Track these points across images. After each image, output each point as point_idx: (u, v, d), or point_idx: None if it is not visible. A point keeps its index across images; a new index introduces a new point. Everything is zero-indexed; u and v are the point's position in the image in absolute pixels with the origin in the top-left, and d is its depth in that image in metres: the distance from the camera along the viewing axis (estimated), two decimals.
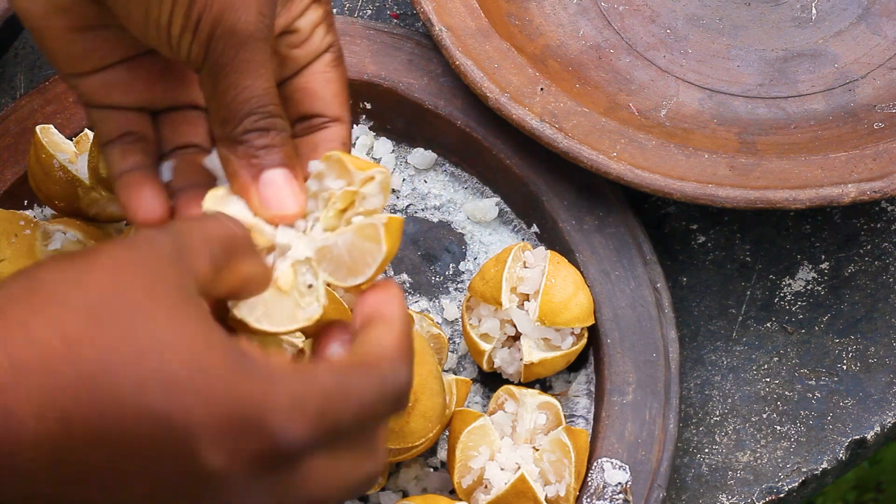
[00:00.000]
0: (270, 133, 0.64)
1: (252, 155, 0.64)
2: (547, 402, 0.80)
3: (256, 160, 0.64)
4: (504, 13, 0.94)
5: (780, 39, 0.95)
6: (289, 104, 0.69)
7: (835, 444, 0.84)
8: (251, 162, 0.64)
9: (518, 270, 0.83)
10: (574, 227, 0.86)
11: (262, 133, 0.64)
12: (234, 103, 0.64)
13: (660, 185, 0.83)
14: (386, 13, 0.99)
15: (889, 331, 0.88)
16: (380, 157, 0.92)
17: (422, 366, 0.76)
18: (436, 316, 0.88)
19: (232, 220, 0.61)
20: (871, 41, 0.94)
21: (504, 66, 0.88)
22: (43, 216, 0.88)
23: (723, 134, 0.89)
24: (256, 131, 0.64)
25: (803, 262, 0.90)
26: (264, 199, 0.64)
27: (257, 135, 0.64)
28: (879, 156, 0.84)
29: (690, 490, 0.83)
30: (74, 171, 0.82)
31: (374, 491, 0.80)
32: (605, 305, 0.84)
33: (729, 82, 0.93)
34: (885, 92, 0.91)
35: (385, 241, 0.63)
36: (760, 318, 0.88)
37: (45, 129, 0.83)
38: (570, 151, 0.85)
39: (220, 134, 0.65)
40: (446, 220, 0.91)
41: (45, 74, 0.97)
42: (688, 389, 0.86)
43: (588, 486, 0.79)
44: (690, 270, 0.90)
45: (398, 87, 0.91)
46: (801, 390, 0.86)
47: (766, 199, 0.82)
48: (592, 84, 0.92)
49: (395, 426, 0.76)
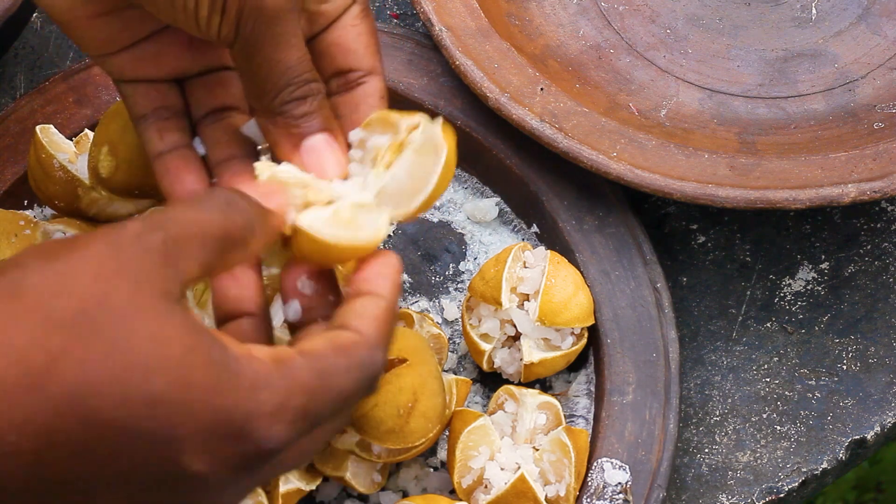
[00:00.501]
0: (308, 100, 0.66)
1: (292, 125, 0.66)
2: (547, 402, 0.80)
3: (297, 129, 0.66)
4: (504, 13, 0.94)
5: (780, 39, 0.95)
6: (322, 60, 0.69)
7: (835, 444, 0.84)
8: (291, 131, 0.66)
9: (518, 270, 0.83)
10: (574, 227, 0.86)
11: (300, 102, 0.65)
12: (271, 76, 0.65)
13: (660, 185, 0.83)
14: (386, 13, 0.99)
15: (889, 331, 0.88)
16: None
17: (422, 366, 0.76)
18: (436, 316, 0.88)
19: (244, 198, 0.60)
20: (871, 41, 0.94)
21: (504, 66, 0.88)
22: (43, 216, 0.88)
23: (723, 134, 0.89)
24: (294, 101, 0.65)
25: (803, 262, 0.90)
26: (308, 165, 0.65)
27: (295, 104, 0.65)
28: (879, 156, 0.84)
29: (690, 490, 0.83)
30: (74, 171, 0.82)
31: (374, 491, 0.80)
32: (605, 305, 0.84)
33: (729, 82, 0.93)
34: (885, 92, 0.91)
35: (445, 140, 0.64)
36: (760, 318, 0.88)
37: (45, 129, 0.83)
38: (570, 151, 0.85)
39: (258, 106, 0.66)
40: (446, 220, 0.91)
41: (45, 74, 0.97)
42: (688, 389, 0.86)
43: (588, 486, 0.79)
44: (690, 270, 0.90)
45: (398, 87, 0.91)
46: (801, 390, 0.86)
47: (766, 199, 0.82)
48: (592, 84, 0.92)
49: (395, 426, 0.76)
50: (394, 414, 0.75)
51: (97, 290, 0.53)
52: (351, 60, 0.69)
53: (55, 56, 0.98)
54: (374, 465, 0.80)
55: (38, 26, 0.99)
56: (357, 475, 0.79)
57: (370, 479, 0.80)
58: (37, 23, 0.99)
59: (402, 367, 0.76)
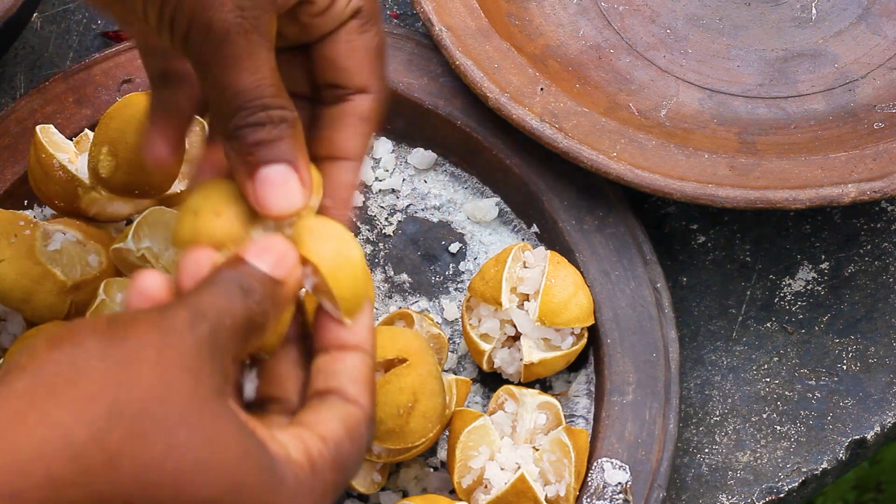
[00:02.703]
0: (266, 127, 0.62)
1: (246, 151, 0.62)
2: (547, 402, 0.80)
3: (251, 157, 0.62)
4: (504, 13, 0.94)
5: (780, 39, 0.95)
6: (318, 70, 0.67)
7: (835, 444, 0.84)
8: (246, 159, 0.62)
9: (518, 270, 0.83)
10: (574, 227, 0.86)
11: (256, 128, 0.61)
12: (222, 99, 0.61)
13: (660, 185, 0.83)
14: (386, 13, 0.99)
15: (889, 331, 0.88)
16: (380, 157, 0.92)
17: (422, 366, 0.76)
18: (436, 316, 0.87)
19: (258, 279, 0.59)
20: (871, 41, 0.94)
21: (504, 66, 0.88)
22: (43, 216, 0.88)
23: (723, 134, 0.89)
24: (248, 127, 0.61)
25: (803, 262, 0.90)
26: (260, 197, 0.62)
27: (249, 130, 0.61)
28: (879, 156, 0.84)
29: (690, 490, 0.83)
30: (74, 171, 0.82)
31: (374, 491, 0.80)
32: (605, 305, 0.84)
33: (729, 82, 0.93)
34: (885, 92, 0.91)
35: None
36: (760, 318, 0.88)
37: (45, 129, 0.83)
38: (570, 151, 0.85)
39: (217, 129, 0.64)
40: (446, 220, 0.91)
41: (45, 74, 0.97)
42: (688, 389, 0.86)
43: (588, 486, 0.79)
44: (690, 270, 0.90)
45: (398, 87, 0.91)
46: (801, 390, 0.86)
47: (766, 199, 0.82)
48: (592, 84, 0.92)
49: (395, 426, 0.76)
50: (394, 414, 0.76)
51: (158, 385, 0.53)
52: (340, 77, 0.67)
53: (55, 56, 0.98)
54: (374, 465, 0.80)
55: (38, 26, 0.99)
56: (357, 475, 0.79)
57: (370, 479, 0.80)
58: (37, 23, 0.99)
59: (402, 367, 0.76)
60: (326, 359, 0.63)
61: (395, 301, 0.88)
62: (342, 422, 0.60)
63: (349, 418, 0.61)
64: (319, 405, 0.61)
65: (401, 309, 0.85)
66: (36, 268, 0.79)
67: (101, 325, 0.54)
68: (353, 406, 0.61)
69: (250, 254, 0.60)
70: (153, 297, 0.59)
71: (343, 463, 0.60)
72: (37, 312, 0.80)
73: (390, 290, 0.89)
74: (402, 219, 0.91)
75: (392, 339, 0.77)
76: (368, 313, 0.64)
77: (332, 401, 0.61)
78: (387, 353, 0.77)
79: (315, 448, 0.59)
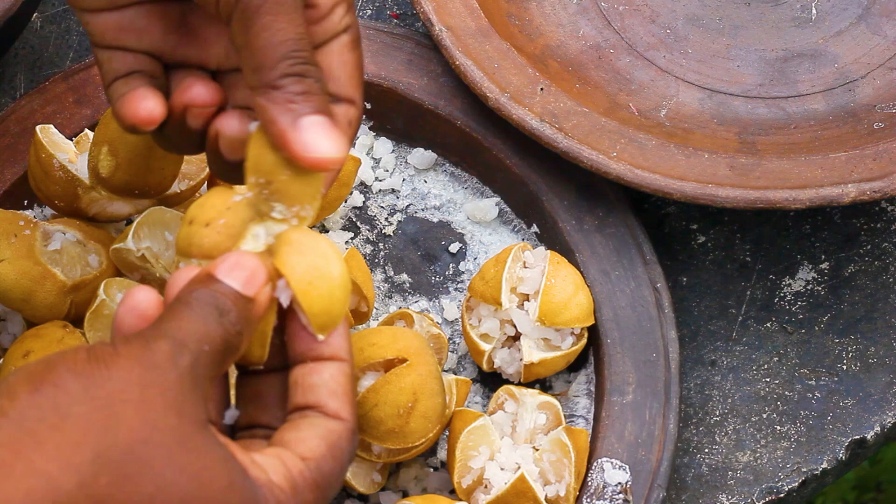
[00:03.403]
0: (307, 80, 0.62)
1: (290, 100, 0.62)
2: (547, 402, 0.80)
3: (294, 105, 0.62)
4: (504, 13, 0.94)
5: (780, 39, 0.95)
6: None
7: (835, 444, 0.84)
8: (289, 107, 0.62)
9: (518, 270, 0.83)
10: (574, 227, 0.86)
11: (299, 79, 0.62)
12: (269, 46, 0.62)
13: (660, 185, 0.83)
14: (386, 13, 0.99)
15: (889, 331, 0.88)
16: (380, 156, 0.92)
17: (422, 366, 0.76)
18: (436, 316, 0.88)
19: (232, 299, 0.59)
20: (871, 41, 0.94)
21: (504, 66, 0.88)
22: (43, 216, 0.88)
23: (723, 134, 0.89)
24: (293, 76, 0.62)
25: (803, 262, 0.90)
26: (306, 142, 0.61)
27: (294, 80, 0.62)
28: (879, 156, 0.84)
29: (690, 490, 0.83)
30: (74, 171, 0.82)
31: (374, 491, 0.80)
32: (605, 305, 0.84)
33: (729, 82, 0.93)
34: (885, 92, 0.91)
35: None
36: (760, 318, 0.88)
37: (45, 129, 0.83)
38: (570, 151, 0.85)
39: (255, 82, 0.63)
40: (446, 220, 0.91)
41: (45, 74, 0.97)
42: (688, 389, 0.86)
43: (588, 486, 0.79)
44: (690, 270, 0.90)
45: (398, 87, 0.91)
46: (801, 390, 0.86)
47: (766, 199, 0.82)
48: (592, 84, 0.92)
49: (395, 426, 0.76)
50: (394, 414, 0.76)
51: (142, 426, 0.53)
52: (331, 86, 0.67)
53: (55, 56, 0.98)
54: (373, 465, 0.80)
55: (38, 26, 0.99)
56: (357, 475, 0.79)
57: (370, 479, 0.80)
58: (37, 23, 0.99)
59: (402, 367, 0.76)
60: (303, 371, 0.63)
61: (395, 301, 0.88)
62: (323, 440, 0.61)
63: (331, 435, 0.61)
64: (300, 422, 0.62)
65: (401, 309, 0.85)
66: (36, 268, 0.79)
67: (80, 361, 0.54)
68: (335, 422, 0.61)
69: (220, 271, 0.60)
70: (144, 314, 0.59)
71: (325, 481, 0.60)
72: (37, 312, 0.80)
73: (390, 290, 0.89)
74: (402, 219, 0.91)
75: (392, 339, 0.77)
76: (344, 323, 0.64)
77: (313, 417, 0.62)
78: (387, 353, 0.77)
79: (296, 469, 0.59)
